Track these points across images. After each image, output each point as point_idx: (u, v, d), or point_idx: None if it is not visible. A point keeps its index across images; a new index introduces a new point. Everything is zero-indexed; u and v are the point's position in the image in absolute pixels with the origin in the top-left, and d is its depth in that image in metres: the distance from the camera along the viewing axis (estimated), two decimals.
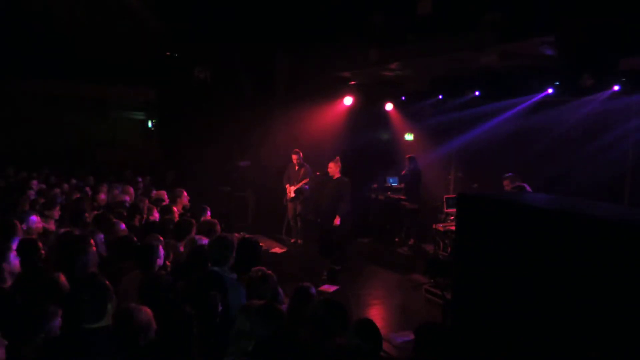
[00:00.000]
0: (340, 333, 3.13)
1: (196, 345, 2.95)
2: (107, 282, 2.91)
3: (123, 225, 5.39)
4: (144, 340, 2.84)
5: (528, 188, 7.34)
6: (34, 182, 8.78)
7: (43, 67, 11.30)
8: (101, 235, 5.06)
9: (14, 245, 4.24)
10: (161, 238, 4.67)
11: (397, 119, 11.47)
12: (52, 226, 5.89)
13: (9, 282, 3.67)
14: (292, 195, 9.46)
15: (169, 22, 10.87)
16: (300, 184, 9.38)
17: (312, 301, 3.54)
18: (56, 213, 6.24)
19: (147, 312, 2.95)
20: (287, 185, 9.55)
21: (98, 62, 11.22)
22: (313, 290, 3.71)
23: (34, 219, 5.39)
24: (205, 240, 4.68)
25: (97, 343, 2.68)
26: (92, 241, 4.32)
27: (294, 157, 9.47)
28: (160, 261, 4.14)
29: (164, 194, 7.58)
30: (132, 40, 11.03)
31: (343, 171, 7.94)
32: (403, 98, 10.79)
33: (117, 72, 11.76)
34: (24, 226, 5.08)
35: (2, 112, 11.90)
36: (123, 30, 10.86)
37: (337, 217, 7.60)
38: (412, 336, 3.20)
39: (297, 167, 9.48)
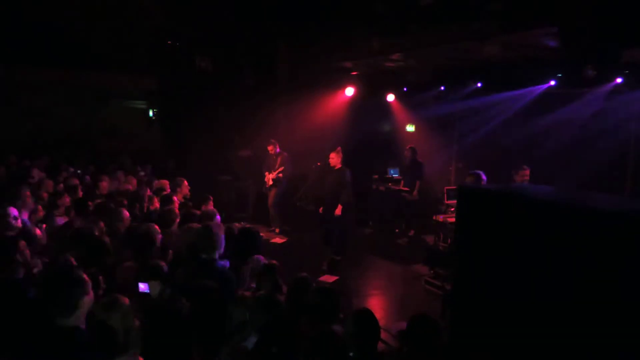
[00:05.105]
0: (335, 319, 3.17)
1: (192, 334, 2.93)
2: (83, 275, 2.64)
3: (127, 214, 5.39)
4: (124, 339, 2.64)
5: (483, 176, 7.34)
6: (35, 170, 8.77)
7: (44, 55, 11.27)
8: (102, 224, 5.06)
9: None
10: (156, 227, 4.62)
11: (398, 110, 11.44)
12: (62, 215, 5.85)
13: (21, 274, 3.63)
14: (271, 183, 9.68)
15: (170, 12, 10.81)
16: (277, 171, 9.60)
17: (311, 291, 3.57)
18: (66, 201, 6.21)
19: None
20: (266, 173, 9.76)
21: (99, 51, 11.17)
22: (311, 280, 3.73)
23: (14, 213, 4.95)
24: None
25: (69, 345, 2.43)
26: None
27: (270, 147, 9.75)
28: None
29: (166, 183, 7.56)
30: (133, 29, 10.97)
31: (344, 161, 7.93)
32: (405, 89, 10.75)
33: (119, 61, 11.72)
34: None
35: (2, 100, 11.87)
36: (124, 18, 10.80)
37: (339, 206, 7.62)
38: None
39: (274, 157, 9.71)
